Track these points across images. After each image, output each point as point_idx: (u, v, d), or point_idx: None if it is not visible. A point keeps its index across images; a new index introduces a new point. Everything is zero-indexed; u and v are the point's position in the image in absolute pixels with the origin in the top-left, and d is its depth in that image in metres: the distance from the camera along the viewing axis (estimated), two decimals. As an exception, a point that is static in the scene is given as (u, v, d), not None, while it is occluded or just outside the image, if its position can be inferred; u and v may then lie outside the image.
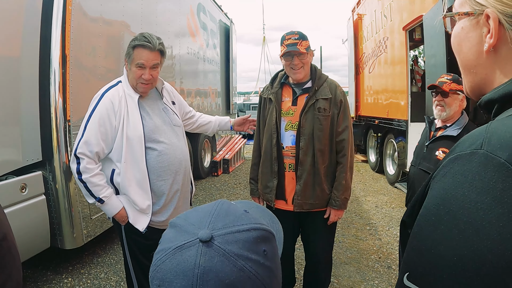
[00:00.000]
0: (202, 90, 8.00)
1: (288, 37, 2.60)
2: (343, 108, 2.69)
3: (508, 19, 0.72)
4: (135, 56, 2.34)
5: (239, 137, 11.75)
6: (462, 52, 0.82)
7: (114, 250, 4.48)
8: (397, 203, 6.75)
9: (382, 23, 8.16)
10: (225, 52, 9.84)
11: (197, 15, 7.48)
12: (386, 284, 3.76)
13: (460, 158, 0.66)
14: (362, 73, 10.32)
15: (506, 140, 0.62)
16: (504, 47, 0.74)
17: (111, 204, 2.35)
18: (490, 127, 0.67)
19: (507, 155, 0.60)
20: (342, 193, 2.68)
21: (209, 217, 0.63)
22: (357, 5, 10.41)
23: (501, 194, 0.58)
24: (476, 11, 0.77)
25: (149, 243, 2.48)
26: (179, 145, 2.54)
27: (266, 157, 2.78)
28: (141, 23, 4.89)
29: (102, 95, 2.35)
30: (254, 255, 0.60)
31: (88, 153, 2.27)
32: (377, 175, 9.10)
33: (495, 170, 0.60)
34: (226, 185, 8.09)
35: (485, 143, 0.63)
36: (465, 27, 0.80)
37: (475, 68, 0.80)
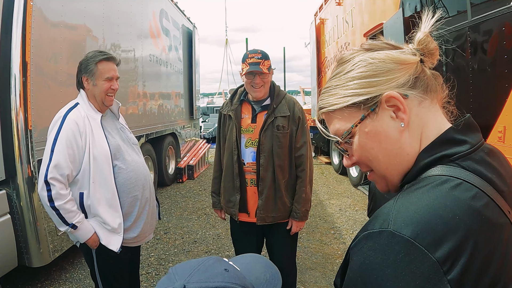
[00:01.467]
0: (165, 94, 7.89)
1: (251, 56, 2.65)
2: (301, 124, 2.78)
3: (402, 88, 0.81)
4: (101, 70, 2.36)
5: (203, 142, 11.68)
6: (383, 151, 0.84)
7: (82, 264, 4.34)
8: (360, 205, 6.91)
9: (344, 29, 8.32)
10: (187, 56, 9.76)
11: (159, 20, 7.38)
12: None
13: (370, 236, 0.73)
14: (325, 77, 10.49)
15: (409, 217, 0.69)
16: (411, 115, 0.82)
17: (84, 229, 2.29)
18: (396, 205, 0.74)
19: (411, 232, 0.67)
20: (302, 206, 2.79)
21: (191, 271, 0.76)
22: (320, 9, 10.57)
23: (407, 266, 0.66)
24: (374, 103, 0.82)
25: (120, 266, 2.49)
26: (141, 161, 2.62)
27: (228, 173, 2.85)
28: (103, 25, 4.77)
29: (65, 116, 2.30)
30: None
31: (59, 178, 2.20)
32: (340, 177, 9.28)
33: (401, 246, 0.67)
34: (192, 192, 8.02)
35: (391, 222, 0.70)
36: (370, 129, 0.83)
37: (398, 156, 0.83)
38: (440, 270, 0.65)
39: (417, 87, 0.83)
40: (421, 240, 0.67)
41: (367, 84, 0.82)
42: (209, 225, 5.88)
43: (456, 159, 0.78)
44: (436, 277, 0.65)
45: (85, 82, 2.39)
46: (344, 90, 0.85)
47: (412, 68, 0.83)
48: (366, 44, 0.88)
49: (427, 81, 0.84)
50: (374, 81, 0.82)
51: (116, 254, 2.39)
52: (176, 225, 5.84)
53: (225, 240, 5.19)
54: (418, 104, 0.83)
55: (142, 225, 2.53)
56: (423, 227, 0.68)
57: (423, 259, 0.66)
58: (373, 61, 0.82)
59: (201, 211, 6.63)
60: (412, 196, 0.74)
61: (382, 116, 0.82)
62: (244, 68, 2.64)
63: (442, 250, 0.66)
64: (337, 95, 0.86)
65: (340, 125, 0.87)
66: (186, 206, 6.95)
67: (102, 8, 4.81)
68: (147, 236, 2.63)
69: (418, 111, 0.83)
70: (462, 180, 0.74)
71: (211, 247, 4.95)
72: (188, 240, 5.21)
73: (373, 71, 0.82)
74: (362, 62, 0.84)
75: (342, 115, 0.86)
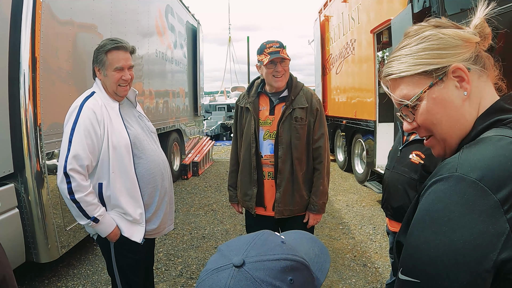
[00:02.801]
0: (170, 91, 7.88)
1: (269, 46, 2.63)
2: (319, 116, 2.76)
3: (466, 62, 0.92)
4: (110, 60, 2.28)
5: (207, 139, 11.69)
6: (447, 116, 0.95)
7: (90, 260, 4.33)
8: (367, 201, 6.90)
9: (350, 25, 8.28)
10: (192, 53, 9.74)
11: (165, 16, 7.36)
12: (363, 282, 3.83)
13: (440, 179, 0.83)
14: (329, 74, 10.47)
15: (475, 163, 0.80)
16: (472, 87, 0.93)
17: (105, 222, 2.24)
18: (461, 156, 0.84)
19: (477, 175, 0.78)
20: (320, 198, 2.77)
21: (247, 245, 0.72)
22: (324, 6, 10.53)
23: (473, 204, 0.76)
24: (441, 73, 0.93)
25: (137, 258, 2.45)
26: (159, 151, 2.58)
27: (245, 166, 2.83)
28: (110, 24, 4.76)
29: (81, 105, 2.23)
30: (279, 282, 0.67)
31: (79, 169, 2.14)
32: (345, 174, 9.27)
33: (468, 186, 0.77)
34: (197, 188, 8.01)
35: (459, 168, 0.81)
36: (436, 96, 0.94)
37: (459, 121, 0.95)
38: (500, 208, 0.74)
39: (477, 63, 0.93)
40: (485, 182, 0.76)
41: (437, 56, 0.93)
42: (217, 220, 5.87)
43: (507, 123, 0.89)
44: (497, 214, 0.74)
45: (97, 72, 2.34)
46: (415, 59, 0.95)
47: (474, 47, 0.94)
48: (433, 21, 0.99)
49: (484, 59, 0.95)
50: (444, 53, 0.92)
51: (135, 247, 2.36)
52: (183, 221, 5.83)
53: (233, 235, 5.18)
54: (477, 77, 0.94)
55: (162, 216, 2.49)
56: (487, 172, 0.78)
57: (486, 198, 0.75)
58: (444, 36, 0.93)
59: (208, 207, 6.62)
60: (475, 149, 0.85)
61: (448, 85, 0.93)
62: (265, 58, 2.61)
63: (503, 192, 0.75)
64: (407, 63, 0.96)
65: (408, 90, 0.97)
66: (193, 202, 6.94)
67: (110, 8, 4.80)
68: (167, 227, 2.59)
69: (477, 84, 0.94)
70: None
71: (220, 243, 4.93)
72: (197, 236, 5.19)
73: (443, 44, 0.93)
74: (433, 36, 0.94)
75: (411, 82, 0.96)
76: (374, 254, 4.50)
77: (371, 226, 5.54)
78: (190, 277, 3.95)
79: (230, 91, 28.29)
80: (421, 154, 2.91)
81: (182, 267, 4.19)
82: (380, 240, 4.95)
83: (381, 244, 4.80)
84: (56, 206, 3.50)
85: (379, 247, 4.73)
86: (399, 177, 3.01)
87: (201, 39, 10.21)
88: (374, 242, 4.90)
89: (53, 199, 3.46)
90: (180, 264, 4.28)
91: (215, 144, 13.00)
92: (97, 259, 4.35)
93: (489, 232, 0.74)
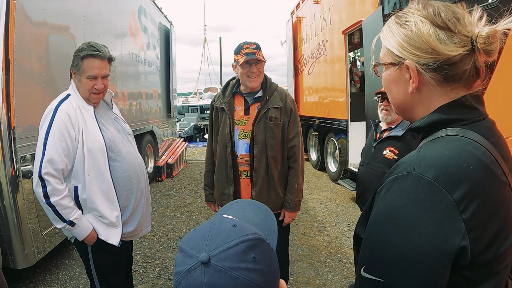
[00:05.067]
0: (143, 93, 7.80)
1: (246, 47, 2.68)
2: (293, 116, 2.83)
3: (422, 66, 0.93)
4: (85, 67, 2.26)
5: (181, 141, 11.62)
6: (392, 92, 1.05)
7: (66, 265, 4.25)
8: (341, 199, 7.04)
9: (322, 26, 8.41)
10: (165, 55, 9.66)
11: (138, 17, 7.29)
12: (340, 277, 3.92)
13: (398, 178, 0.87)
14: (301, 74, 10.60)
15: (432, 163, 0.84)
16: (424, 88, 0.97)
17: (82, 225, 2.23)
18: (420, 153, 0.88)
19: (433, 175, 0.81)
20: (295, 196, 2.84)
21: (205, 239, 0.76)
22: (296, 8, 10.65)
23: (429, 204, 0.80)
24: (398, 62, 0.98)
25: (116, 259, 2.45)
26: (136, 153, 2.57)
27: (221, 165, 2.86)
28: (84, 25, 4.68)
29: (56, 109, 2.22)
30: (244, 264, 0.73)
31: (54, 172, 2.13)
32: (319, 172, 9.41)
33: (425, 186, 0.81)
34: (172, 190, 7.96)
35: (416, 166, 0.84)
36: (391, 74, 1.02)
37: (403, 105, 1.04)
38: (456, 209, 0.79)
39: (438, 71, 0.93)
40: (441, 182, 0.80)
41: (402, 46, 0.97)
42: (193, 222, 5.86)
43: (469, 123, 0.92)
44: (453, 214, 0.79)
45: (73, 75, 2.32)
46: (393, 37, 1.00)
47: (442, 57, 0.91)
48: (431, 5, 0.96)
49: (460, 73, 0.92)
50: (407, 47, 0.95)
51: (113, 249, 2.35)
52: (159, 223, 5.79)
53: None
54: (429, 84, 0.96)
55: (139, 218, 2.49)
56: (443, 172, 0.81)
57: (443, 198, 0.79)
58: (416, 31, 0.94)
59: (183, 208, 6.61)
60: (433, 147, 0.89)
61: (401, 73, 1.00)
62: (240, 59, 2.66)
63: (458, 193, 0.79)
64: (389, 37, 1.01)
65: (382, 55, 1.05)
66: (168, 204, 6.90)
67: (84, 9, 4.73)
68: (144, 229, 2.59)
69: (428, 88, 0.97)
70: (473, 140, 0.88)
71: (196, 243, 4.93)
72: (173, 237, 5.18)
73: (411, 39, 0.95)
74: (410, 25, 0.95)
75: (386, 51, 1.03)
76: (349, 250, 4.61)
77: (345, 223, 5.66)
78: (168, 279, 3.95)
79: (203, 92, 28.14)
80: (394, 150, 3.03)
81: (160, 269, 4.17)
82: (354, 236, 5.06)
83: (355, 240, 4.91)
84: (31, 211, 3.42)
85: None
86: (374, 172, 3.13)
87: (173, 40, 10.15)
88: (348, 238, 5.01)
89: (28, 203, 3.38)
90: (158, 265, 4.26)
91: (189, 145, 12.94)
92: (74, 264, 4.27)
93: (446, 231, 0.79)
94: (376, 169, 3.12)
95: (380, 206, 0.89)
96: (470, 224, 0.79)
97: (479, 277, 0.83)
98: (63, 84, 3.96)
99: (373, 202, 0.94)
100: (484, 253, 0.81)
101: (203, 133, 18.94)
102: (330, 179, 8.52)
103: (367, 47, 5.68)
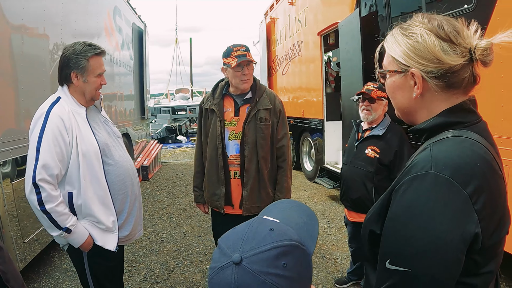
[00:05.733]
0: (117, 94, 7.66)
1: (236, 49, 2.71)
2: (281, 117, 2.90)
3: (427, 74, 1.03)
4: (93, 66, 2.25)
5: (155, 142, 11.51)
6: (396, 98, 1.14)
7: (49, 273, 4.14)
8: (318, 197, 7.16)
9: (297, 28, 8.51)
10: (138, 55, 9.54)
11: (113, 18, 7.16)
12: (324, 273, 4.02)
13: (417, 177, 0.95)
14: (275, 75, 10.67)
15: (446, 162, 0.93)
16: (428, 93, 1.06)
17: (78, 232, 2.18)
18: (433, 152, 0.97)
19: (450, 173, 0.91)
20: (285, 195, 2.92)
21: (241, 241, 0.80)
22: (270, 9, 10.70)
23: (448, 199, 0.90)
24: (403, 70, 1.07)
25: (112, 265, 2.42)
26: (127, 156, 2.54)
27: (212, 166, 2.89)
28: (61, 25, 4.57)
29: (48, 111, 2.15)
30: (274, 269, 0.76)
31: (48, 178, 2.06)
32: (294, 172, 9.48)
33: (443, 183, 0.91)
34: (149, 193, 7.88)
35: (433, 166, 0.94)
36: (396, 80, 1.11)
37: (407, 109, 1.13)
38: (470, 201, 0.90)
39: (441, 79, 1.03)
40: (456, 179, 0.91)
41: (408, 56, 1.06)
42: (173, 224, 5.84)
43: (469, 125, 1.03)
44: (468, 206, 0.90)
45: (75, 78, 2.24)
46: (398, 46, 1.09)
47: (445, 66, 1.01)
48: (434, 19, 1.06)
49: (460, 80, 1.03)
50: (413, 57, 1.05)
51: (109, 255, 2.32)
52: (139, 226, 5.72)
53: (192, 237, 5.19)
54: (433, 90, 1.06)
55: (133, 222, 2.48)
56: (457, 170, 0.92)
57: (459, 193, 0.90)
58: (422, 42, 1.03)
59: (162, 210, 6.56)
60: (443, 148, 0.98)
61: (406, 79, 1.08)
62: (232, 61, 2.68)
63: (470, 187, 0.90)
64: (394, 47, 1.10)
65: (387, 63, 1.14)
66: (146, 207, 6.82)
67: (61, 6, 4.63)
68: (137, 233, 2.57)
69: (432, 94, 1.06)
70: (475, 141, 0.99)
71: (179, 245, 4.92)
72: (155, 240, 5.14)
73: (417, 49, 1.04)
74: (416, 37, 1.05)
75: (391, 59, 1.12)
76: (332, 246, 4.72)
77: (325, 220, 5.78)
78: (155, 281, 3.92)
79: (174, 93, 27.85)
80: (376, 148, 3.14)
81: (145, 272, 4.14)
82: (335, 233, 5.18)
83: (336, 237, 5.04)
84: (13, 219, 3.32)
85: (335, 239, 4.96)
86: (357, 170, 3.24)
87: (147, 41, 10.04)
88: (329, 235, 5.12)
89: (10, 210, 3.28)
90: (143, 269, 4.23)
91: (163, 147, 12.84)
92: (57, 271, 4.18)
93: (464, 222, 0.90)
94: (359, 168, 3.23)
95: (401, 203, 0.98)
96: (481, 215, 0.90)
97: (484, 259, 0.95)
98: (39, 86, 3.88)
99: (388, 200, 1.03)
100: (490, 238, 0.93)
101: (176, 135, 18.79)
102: (306, 178, 8.64)
103: (343, 48, 5.80)
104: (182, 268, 4.23)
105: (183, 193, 7.77)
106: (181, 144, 17.55)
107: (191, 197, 7.07)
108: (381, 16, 4.75)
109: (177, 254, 4.64)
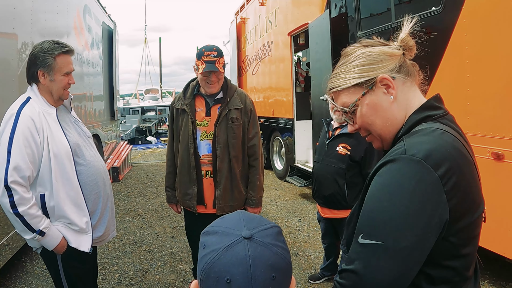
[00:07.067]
0: (87, 95, 7.52)
1: (207, 54, 2.71)
2: (252, 116, 2.96)
3: (391, 71, 1.15)
4: (60, 64, 2.21)
5: (125, 143, 11.34)
6: (379, 117, 1.18)
7: (21, 278, 4.04)
8: (289, 195, 7.27)
9: (267, 28, 8.59)
10: (108, 55, 9.38)
11: (83, 17, 7.03)
12: (298, 269, 4.10)
13: (391, 160, 1.05)
14: (245, 75, 10.73)
15: (419, 148, 1.02)
16: (399, 93, 1.16)
17: (52, 234, 2.14)
18: (406, 143, 1.06)
19: (422, 155, 1.00)
20: (257, 193, 2.98)
21: (242, 222, 0.83)
22: (241, 9, 10.75)
23: (421, 177, 0.99)
24: (370, 83, 1.15)
25: (86, 267, 2.41)
26: (98, 156, 2.52)
27: (184, 166, 2.91)
28: (31, 24, 4.46)
29: (18, 112, 2.11)
30: (280, 243, 0.81)
31: (20, 181, 2.02)
32: (265, 171, 9.51)
33: (416, 164, 1.00)
34: (120, 194, 7.77)
35: (407, 151, 1.03)
36: (369, 101, 1.17)
37: (389, 120, 1.17)
38: (440, 182, 0.98)
39: (401, 72, 1.16)
40: (428, 161, 0.99)
41: (367, 70, 1.15)
42: (145, 225, 5.80)
43: (437, 118, 1.13)
44: (439, 187, 0.98)
45: (41, 76, 2.21)
46: (349, 74, 1.18)
47: (397, 59, 1.16)
48: (364, 41, 1.22)
49: (408, 68, 1.18)
50: (372, 67, 1.15)
51: (83, 256, 2.30)
52: (111, 228, 5.66)
53: (165, 238, 5.18)
54: (402, 84, 1.17)
55: (107, 222, 2.46)
56: (428, 154, 1.00)
57: (430, 174, 0.99)
58: (370, 53, 1.17)
59: (134, 212, 6.50)
60: (415, 138, 1.07)
61: (377, 92, 1.16)
62: (200, 66, 2.71)
63: (441, 170, 0.99)
64: (344, 78, 1.19)
65: (346, 99, 1.20)
66: (118, 208, 6.74)
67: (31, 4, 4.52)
68: (111, 234, 2.56)
69: (403, 89, 1.17)
70: (444, 131, 1.08)
71: (152, 246, 4.91)
72: (128, 242, 5.10)
73: (371, 60, 1.16)
74: (362, 54, 1.17)
75: (348, 92, 1.19)
76: (304, 243, 4.82)
77: (296, 218, 5.88)
78: (129, 284, 3.91)
79: (144, 93, 27.47)
80: (347, 146, 3.25)
81: (119, 275, 4.11)
82: (307, 230, 5.29)
83: (308, 234, 5.15)
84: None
85: (307, 236, 5.07)
86: (328, 168, 3.34)
87: (117, 40, 9.89)
88: (301, 232, 5.23)
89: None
90: (117, 271, 4.20)
91: (133, 148, 12.67)
92: (29, 276, 4.09)
93: (434, 198, 0.98)
94: (330, 165, 3.33)
95: (376, 183, 1.07)
96: (450, 195, 0.99)
97: (462, 241, 1.04)
98: (7, 86, 3.79)
99: (367, 188, 1.11)
100: (462, 219, 1.02)
101: (146, 136, 18.55)
102: (277, 177, 8.73)
103: (313, 49, 5.91)
104: (156, 269, 4.23)
105: (154, 194, 7.72)
106: (151, 145, 17.36)
107: (162, 198, 7.04)
108: (351, 17, 4.88)
109: (151, 256, 4.62)
